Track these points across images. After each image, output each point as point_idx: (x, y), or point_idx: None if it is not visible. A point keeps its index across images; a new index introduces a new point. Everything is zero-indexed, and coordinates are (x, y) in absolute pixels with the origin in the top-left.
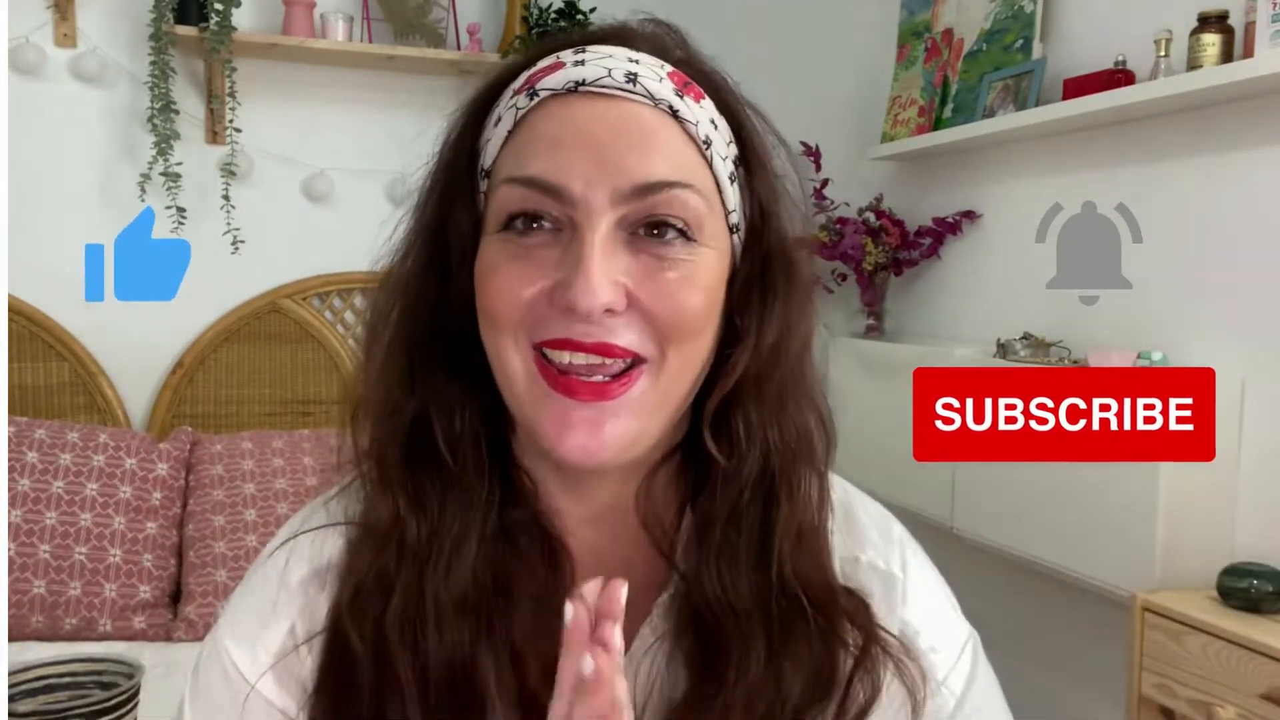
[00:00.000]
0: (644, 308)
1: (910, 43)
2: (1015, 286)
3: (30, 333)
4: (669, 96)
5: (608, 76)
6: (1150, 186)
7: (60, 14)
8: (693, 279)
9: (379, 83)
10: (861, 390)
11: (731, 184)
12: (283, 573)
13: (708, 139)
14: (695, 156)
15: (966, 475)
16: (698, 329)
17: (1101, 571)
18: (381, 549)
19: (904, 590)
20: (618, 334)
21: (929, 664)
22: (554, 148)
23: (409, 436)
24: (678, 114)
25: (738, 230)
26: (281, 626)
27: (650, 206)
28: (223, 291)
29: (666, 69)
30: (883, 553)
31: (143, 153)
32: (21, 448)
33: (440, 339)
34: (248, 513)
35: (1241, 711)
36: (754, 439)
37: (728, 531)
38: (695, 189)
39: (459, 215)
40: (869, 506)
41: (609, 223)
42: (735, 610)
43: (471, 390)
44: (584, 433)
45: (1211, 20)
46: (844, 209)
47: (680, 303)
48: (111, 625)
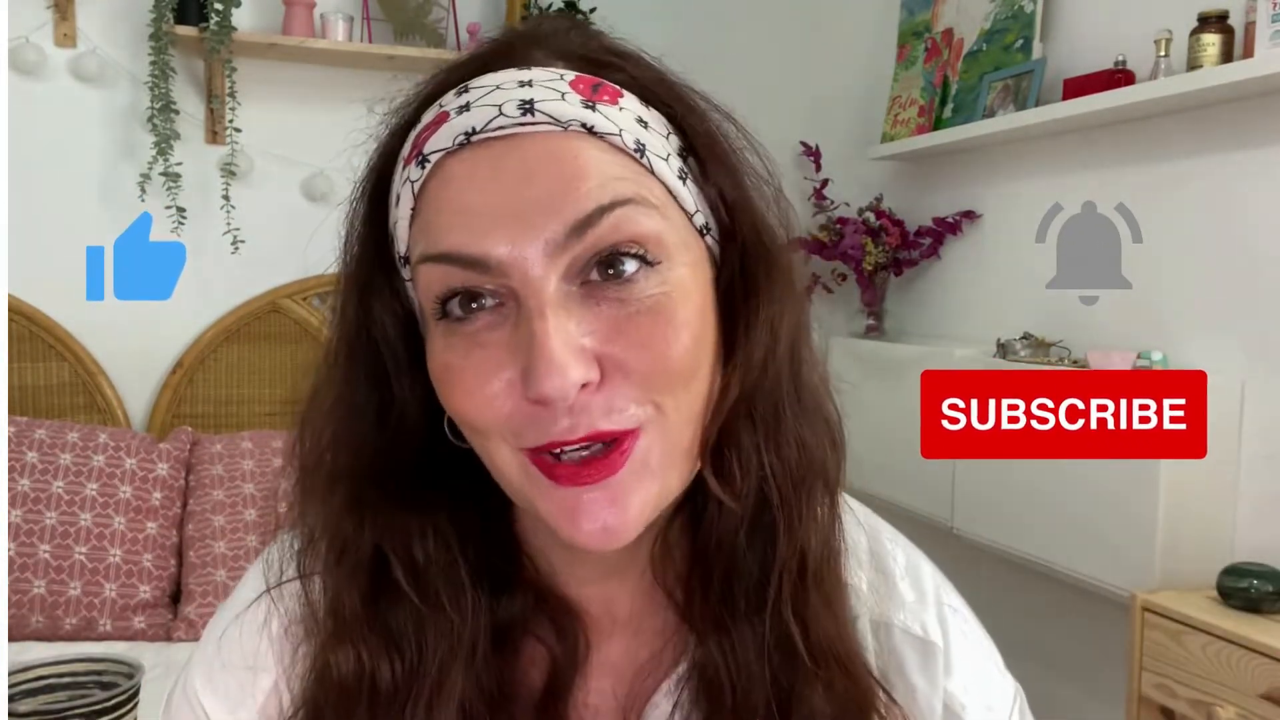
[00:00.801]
0: (624, 367)
1: (910, 43)
2: (1015, 286)
3: (30, 333)
4: (578, 113)
5: (499, 115)
6: (1150, 186)
7: (60, 14)
8: (669, 314)
9: (379, 83)
10: (861, 390)
11: (683, 182)
12: (265, 625)
13: (639, 144)
14: (630, 168)
15: (966, 475)
16: (690, 370)
17: (1101, 571)
18: (347, 708)
19: (947, 660)
20: (605, 412)
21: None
22: (462, 215)
23: (367, 576)
24: (594, 129)
25: (708, 231)
26: (264, 685)
27: (593, 243)
28: (223, 291)
29: (568, 77)
30: (918, 615)
31: (143, 153)
32: (21, 448)
33: (384, 464)
34: (248, 513)
35: (1241, 711)
36: (748, 469)
37: (726, 576)
38: (638, 203)
39: (380, 316)
40: (896, 549)
41: (554, 281)
42: (737, 662)
43: (430, 508)
44: (602, 514)
45: (1211, 20)
46: (844, 209)
47: (661, 346)
48: (111, 625)
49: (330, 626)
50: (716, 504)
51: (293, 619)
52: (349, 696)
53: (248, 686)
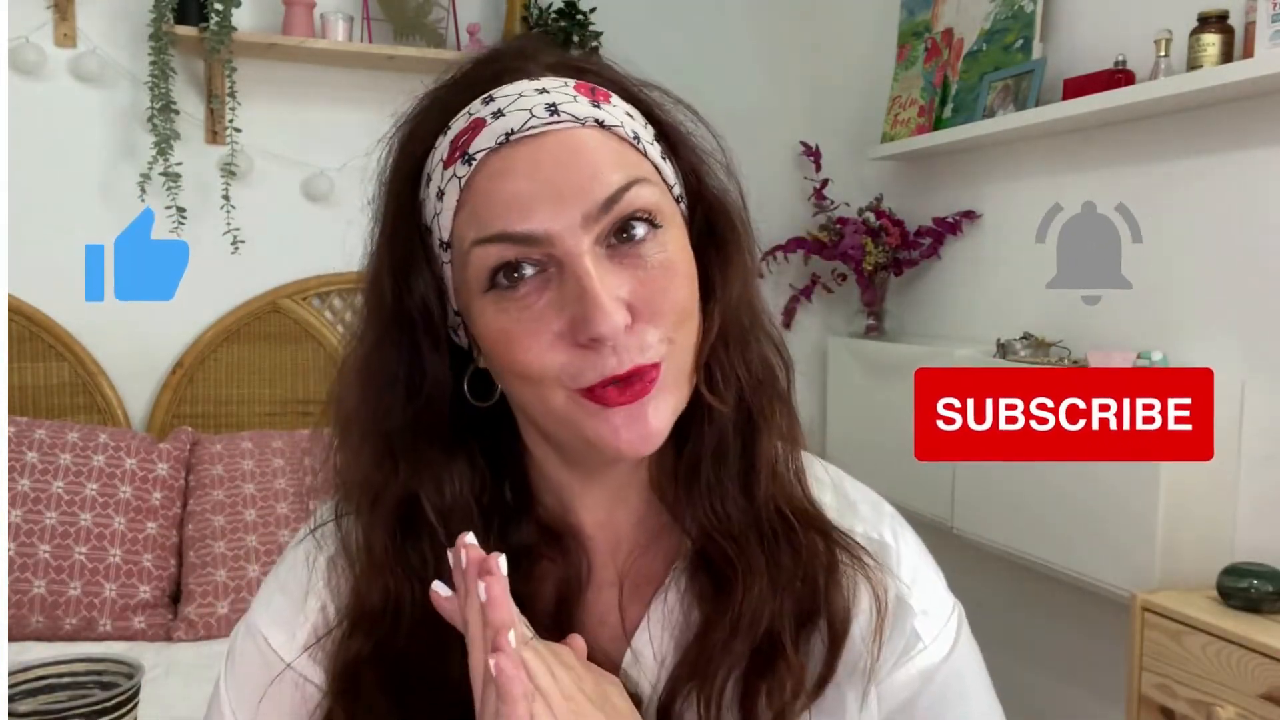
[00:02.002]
0: (646, 312)
1: (910, 43)
2: (1015, 286)
3: (30, 333)
4: (590, 112)
5: (531, 117)
6: (1150, 186)
7: (60, 14)
8: (672, 266)
9: (379, 83)
10: (861, 390)
11: (665, 161)
12: (312, 556)
13: (635, 134)
14: (632, 154)
15: (966, 475)
16: (691, 310)
17: (1101, 571)
18: (375, 625)
19: (897, 556)
20: (641, 350)
21: (918, 625)
22: (511, 200)
23: (397, 518)
24: (604, 124)
25: (681, 200)
26: (314, 606)
27: (616, 214)
28: (223, 291)
29: (570, 84)
30: (875, 525)
31: (143, 153)
32: (21, 448)
33: (415, 422)
34: (248, 513)
35: (1241, 711)
36: (729, 381)
37: (715, 468)
38: (644, 181)
39: (422, 290)
40: (859, 488)
41: (589, 246)
42: (730, 536)
43: (453, 458)
44: (633, 429)
45: (1211, 20)
46: (844, 209)
47: (673, 295)
48: (111, 625)
49: (364, 561)
50: (706, 413)
51: (334, 553)
52: (378, 619)
53: (299, 610)
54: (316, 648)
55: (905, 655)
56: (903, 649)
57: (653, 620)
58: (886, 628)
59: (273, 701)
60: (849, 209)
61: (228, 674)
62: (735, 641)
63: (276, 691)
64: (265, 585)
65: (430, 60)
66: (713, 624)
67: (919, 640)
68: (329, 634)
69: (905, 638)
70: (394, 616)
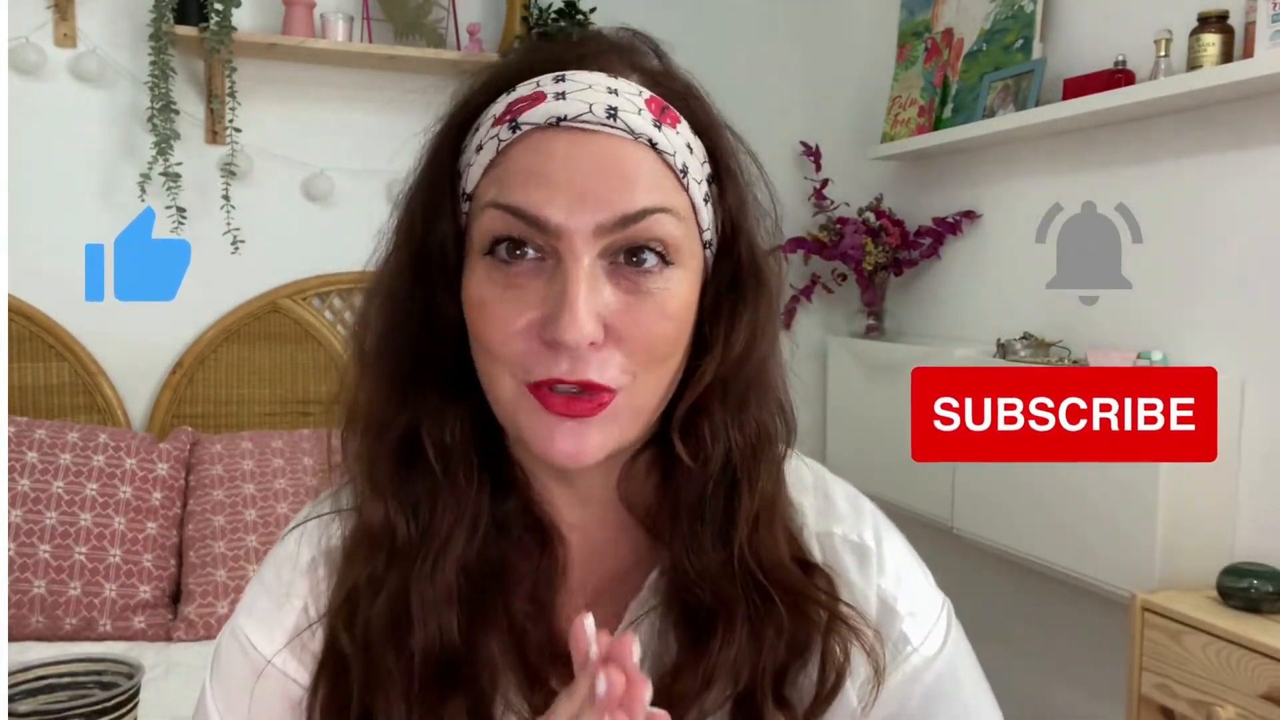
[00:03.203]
0: (621, 339)
1: (910, 43)
2: (1015, 286)
3: (30, 333)
4: (648, 130)
5: (589, 112)
6: (1150, 186)
7: (60, 14)
8: (665, 307)
9: (379, 83)
10: (861, 390)
11: (706, 204)
12: (295, 556)
13: (684, 166)
14: (673, 183)
15: (966, 475)
16: (668, 354)
17: (1101, 571)
18: (373, 553)
19: (879, 560)
20: (599, 369)
21: (906, 628)
22: (537, 180)
23: (399, 448)
24: (656, 146)
25: (710, 246)
26: (295, 605)
27: (632, 235)
28: (223, 291)
29: (645, 96)
30: (855, 526)
31: (143, 153)
32: (21, 448)
33: (427, 353)
34: (248, 513)
35: (1241, 711)
36: (718, 439)
37: (693, 520)
38: (672, 213)
39: (442, 233)
40: (840, 486)
41: (591, 255)
42: (711, 586)
43: (460, 398)
44: (570, 441)
45: (1211, 20)
46: (844, 209)
47: (653, 334)
48: (111, 625)
49: (366, 489)
50: (686, 468)
51: (317, 551)
52: (375, 543)
53: (280, 609)
54: (298, 643)
55: (894, 660)
56: (891, 655)
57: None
58: (882, 691)
59: (261, 703)
60: (849, 209)
61: (213, 679)
62: (708, 693)
63: (262, 691)
64: (250, 587)
65: (430, 60)
66: (689, 666)
67: (908, 643)
68: (309, 629)
69: (893, 642)
70: (389, 541)
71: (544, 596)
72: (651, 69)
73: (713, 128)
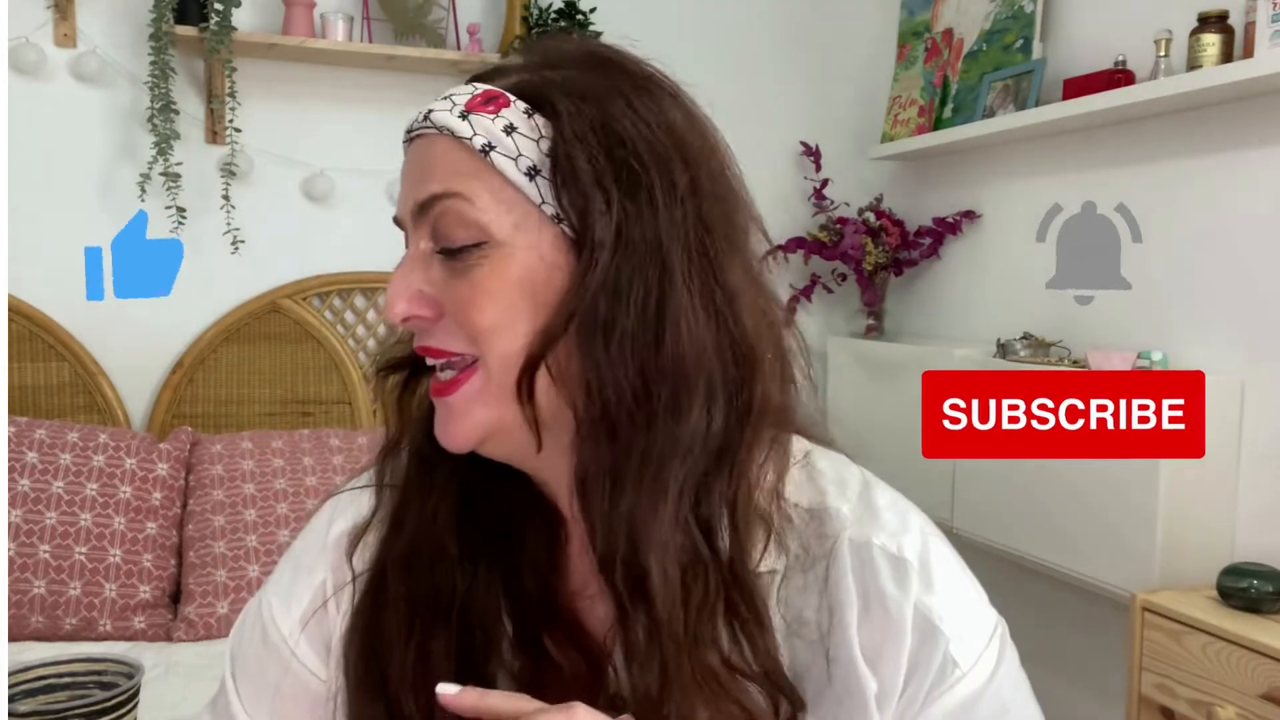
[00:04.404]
0: (451, 314)
1: (910, 43)
2: (1015, 286)
3: (30, 333)
4: (448, 121)
5: (418, 119)
6: (1150, 186)
7: (60, 14)
8: (484, 283)
9: (379, 83)
10: (861, 390)
11: (530, 179)
12: (325, 529)
13: (488, 145)
14: (471, 166)
15: (966, 475)
16: (497, 326)
17: (1101, 571)
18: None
19: (924, 576)
20: (434, 337)
21: (954, 651)
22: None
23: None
24: (454, 133)
25: (562, 219)
26: (315, 579)
27: (434, 221)
28: (223, 291)
29: (478, 89)
30: (896, 537)
31: (143, 153)
32: (21, 448)
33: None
34: (248, 513)
35: (1241, 711)
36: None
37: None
38: (463, 196)
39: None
40: (888, 496)
41: (422, 242)
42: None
43: None
44: (439, 424)
45: (1211, 20)
46: (844, 209)
47: (471, 310)
48: (111, 625)
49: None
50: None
51: (347, 524)
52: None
53: (301, 584)
54: (314, 624)
55: (940, 685)
56: (936, 679)
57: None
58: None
59: (285, 699)
60: (849, 209)
61: (233, 644)
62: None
63: (288, 686)
64: (284, 556)
65: (430, 60)
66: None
67: (956, 667)
68: (323, 606)
69: (938, 667)
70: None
71: (547, 567)
72: (528, 64)
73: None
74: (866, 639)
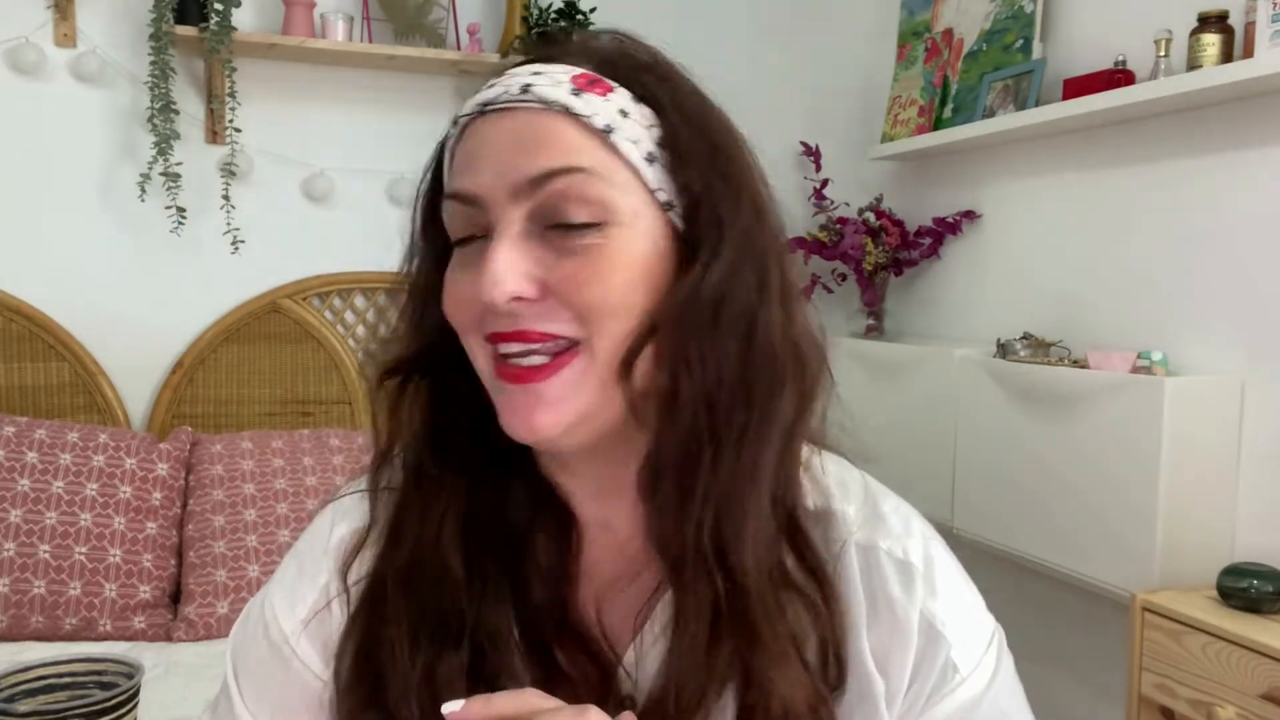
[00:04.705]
0: (558, 293)
1: (910, 43)
2: (1015, 286)
3: (30, 333)
4: (562, 98)
5: (505, 93)
6: (1150, 186)
7: (60, 14)
8: (602, 261)
9: (379, 83)
10: (861, 390)
11: (650, 164)
12: (328, 531)
13: (609, 126)
14: (591, 144)
15: (966, 475)
16: (615, 307)
17: (1101, 571)
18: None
19: (928, 581)
20: (534, 320)
21: (955, 656)
22: (466, 164)
23: (434, 435)
24: (571, 110)
25: (671, 207)
26: (319, 581)
27: (547, 196)
28: (223, 291)
29: (573, 73)
30: (902, 542)
31: (143, 153)
32: (21, 448)
33: (450, 345)
34: (248, 513)
35: (1241, 711)
36: (681, 387)
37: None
38: (588, 172)
39: (435, 235)
40: (891, 501)
41: (517, 219)
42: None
43: (473, 393)
44: (524, 413)
45: (1211, 20)
46: (844, 209)
47: (591, 286)
48: (111, 625)
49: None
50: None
51: (349, 527)
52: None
53: (305, 585)
54: (315, 624)
55: (942, 690)
56: (938, 683)
57: (656, 624)
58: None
59: (287, 698)
60: (849, 209)
61: (234, 642)
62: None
63: (289, 685)
64: (287, 555)
65: (430, 60)
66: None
67: (956, 672)
68: (327, 607)
69: (939, 671)
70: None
71: (558, 575)
72: (601, 52)
73: (666, 98)
74: (875, 642)
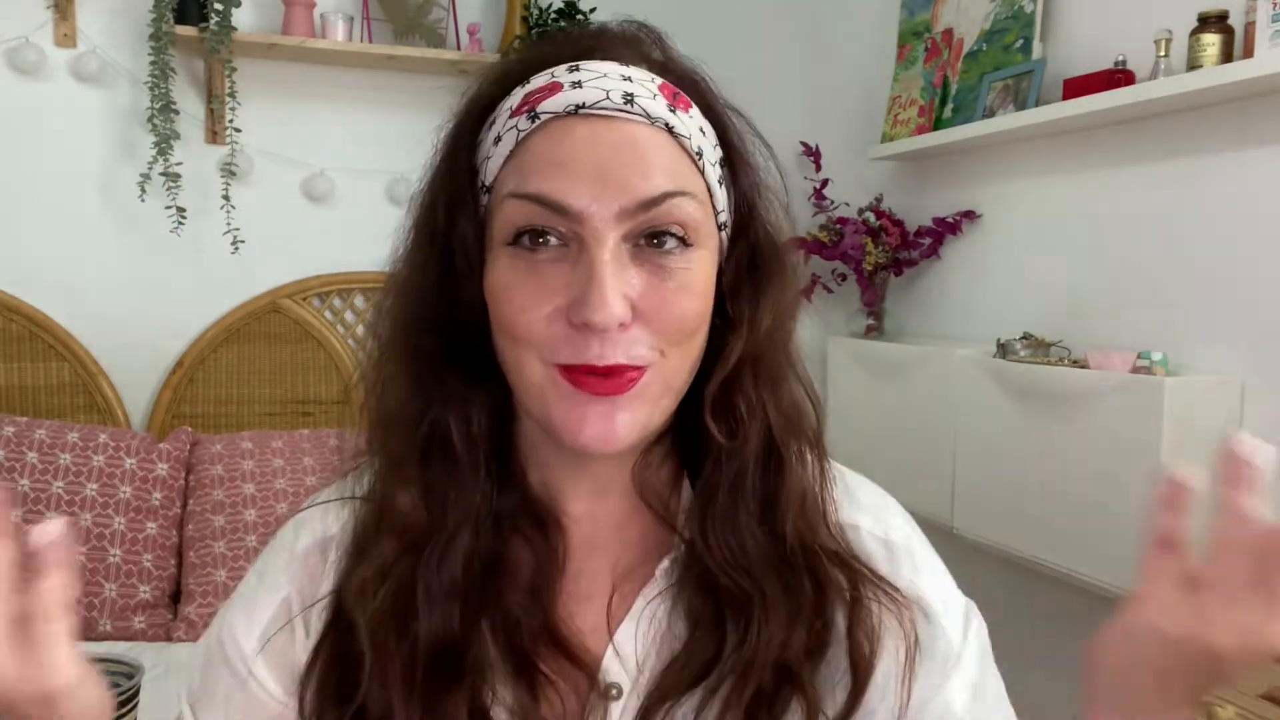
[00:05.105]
0: (648, 317)
1: (910, 43)
2: (1015, 286)
3: (30, 333)
4: (664, 114)
5: (606, 99)
6: (1150, 186)
7: (60, 14)
8: (689, 285)
9: (379, 83)
10: (861, 390)
11: (720, 186)
12: (291, 544)
13: (699, 150)
14: (689, 166)
15: (966, 475)
16: (694, 329)
17: (1101, 571)
18: (385, 539)
19: (910, 557)
20: (627, 349)
21: (941, 623)
22: (558, 168)
23: (421, 438)
24: (672, 130)
25: (725, 227)
26: (278, 595)
27: (652, 218)
28: (223, 291)
29: (657, 82)
30: (881, 521)
31: (143, 153)
32: (21, 448)
33: (453, 346)
34: (248, 513)
35: (1241, 711)
36: (755, 415)
37: (733, 499)
38: (690, 196)
39: (464, 226)
40: (866, 484)
41: (615, 238)
42: (744, 569)
43: (481, 390)
44: (600, 424)
45: (1211, 20)
46: (844, 209)
47: (679, 311)
48: (111, 625)
49: (388, 474)
50: (723, 447)
51: (314, 539)
52: (389, 530)
53: (264, 597)
54: (277, 656)
55: (930, 662)
56: (927, 655)
57: (641, 620)
58: (917, 666)
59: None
60: (849, 209)
61: (196, 687)
62: (745, 681)
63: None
64: (249, 570)
65: (430, 60)
66: (694, 652)
67: (948, 645)
68: (288, 626)
69: (928, 644)
70: (401, 530)
71: (539, 585)
72: (658, 58)
73: (722, 113)
74: (864, 619)
